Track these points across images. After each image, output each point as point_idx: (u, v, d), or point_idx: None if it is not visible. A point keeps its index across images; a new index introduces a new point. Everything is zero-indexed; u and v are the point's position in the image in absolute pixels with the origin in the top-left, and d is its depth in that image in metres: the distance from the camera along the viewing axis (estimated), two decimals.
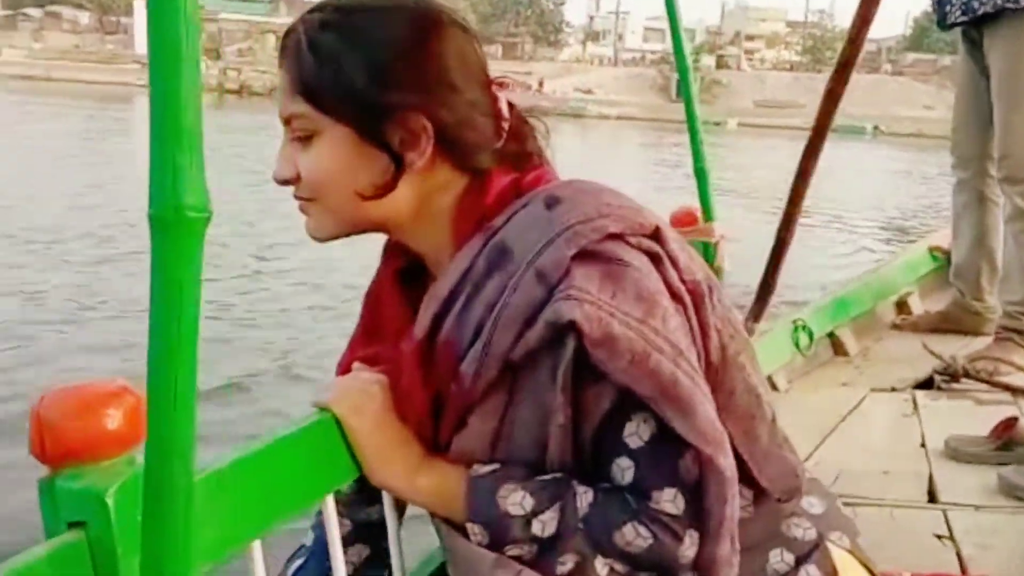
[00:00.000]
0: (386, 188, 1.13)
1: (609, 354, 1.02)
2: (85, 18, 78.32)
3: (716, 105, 49.06)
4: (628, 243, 1.08)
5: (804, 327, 3.18)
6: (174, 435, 0.72)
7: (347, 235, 1.20)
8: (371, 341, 1.25)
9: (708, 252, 2.41)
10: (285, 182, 1.16)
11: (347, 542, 1.33)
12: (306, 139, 1.13)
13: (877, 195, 17.21)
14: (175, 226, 0.68)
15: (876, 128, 46.23)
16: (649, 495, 1.06)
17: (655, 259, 1.09)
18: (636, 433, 1.06)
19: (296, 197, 1.17)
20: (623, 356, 1.02)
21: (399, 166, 1.12)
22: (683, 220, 2.44)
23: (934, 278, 4.19)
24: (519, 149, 1.19)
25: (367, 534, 1.35)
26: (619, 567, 1.07)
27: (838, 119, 2.83)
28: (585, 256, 1.05)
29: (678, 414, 1.03)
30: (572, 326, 1.02)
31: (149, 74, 0.67)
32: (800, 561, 1.15)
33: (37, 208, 10.66)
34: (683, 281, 1.10)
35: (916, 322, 3.83)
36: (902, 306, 4.00)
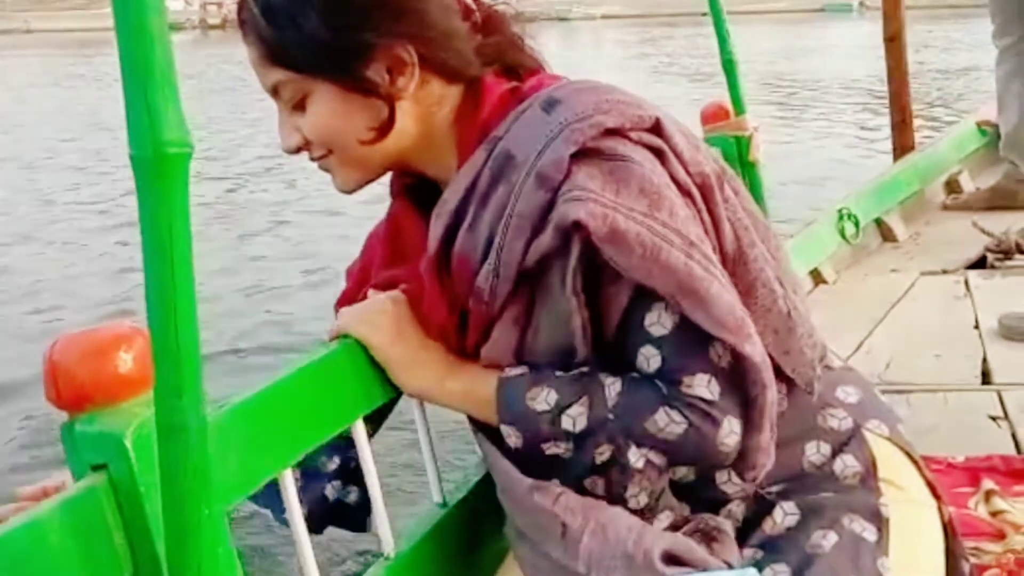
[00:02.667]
0: (385, 127, 1.12)
1: (618, 250, 1.00)
2: None
3: None
4: (629, 138, 1.05)
5: (849, 215, 3.11)
6: (180, 373, 0.71)
7: (373, 179, 1.19)
8: (394, 268, 1.24)
9: (742, 146, 2.35)
10: (296, 150, 1.16)
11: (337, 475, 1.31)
12: (299, 103, 1.12)
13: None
14: (158, 164, 0.66)
15: (862, 3, 45.22)
16: (679, 380, 1.04)
17: (658, 153, 1.06)
18: (658, 323, 1.05)
19: (312, 160, 1.17)
20: (633, 251, 1.00)
21: (391, 101, 1.11)
22: (715, 115, 2.37)
23: (983, 154, 4.07)
24: (499, 44, 1.17)
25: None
26: (655, 458, 1.06)
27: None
28: (585, 154, 1.03)
29: (696, 306, 1.01)
30: (578, 226, 1.00)
31: (113, 12, 0.65)
32: (836, 452, 1.13)
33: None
34: (690, 174, 1.07)
35: (967, 201, 3.74)
36: (951, 186, 3.90)
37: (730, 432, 1.04)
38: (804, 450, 1.13)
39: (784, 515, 1.11)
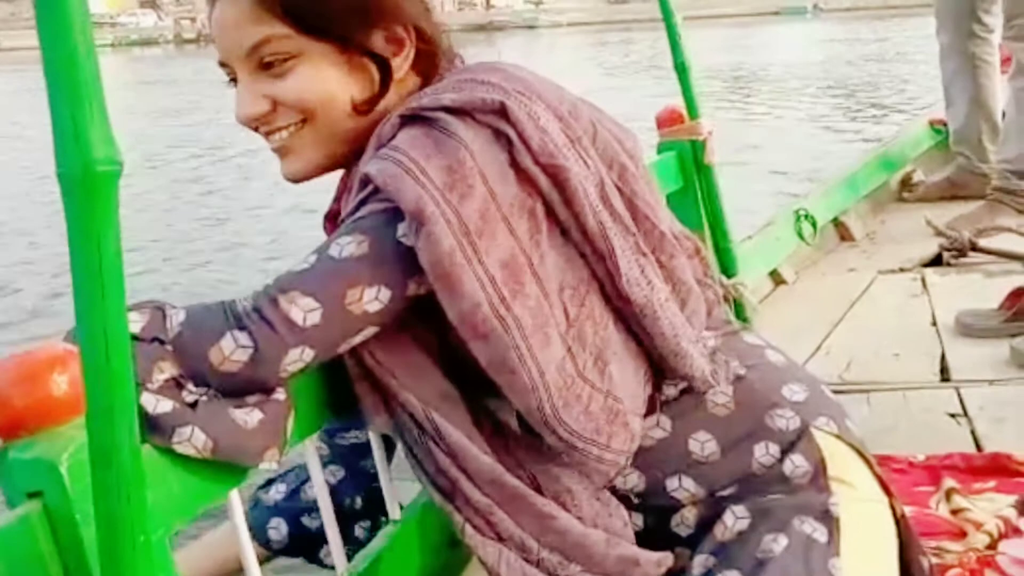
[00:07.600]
0: (377, 97, 1.11)
1: (394, 193, 0.99)
2: None
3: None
4: (473, 118, 1.03)
5: (806, 216, 3.13)
6: (111, 395, 0.69)
7: (329, 169, 1.15)
8: None
9: (697, 150, 2.35)
10: (258, 119, 1.10)
11: (322, 463, 1.33)
12: (280, 65, 1.07)
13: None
14: (86, 182, 0.64)
15: (816, 6, 46.54)
16: (285, 288, 0.99)
17: (500, 137, 1.03)
18: (340, 244, 1.01)
19: (273, 131, 1.11)
20: (409, 212, 0.98)
21: (387, 72, 1.10)
22: (668, 119, 2.37)
23: (936, 152, 4.13)
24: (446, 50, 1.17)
25: (342, 456, 1.37)
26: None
27: (778, 2, 2.83)
28: (415, 121, 1.04)
29: (444, 289, 0.98)
30: (368, 181, 1.02)
31: (38, 27, 0.63)
32: (785, 452, 1.11)
33: None
34: (539, 164, 1.03)
35: (924, 193, 3.82)
36: (906, 185, 3.96)
37: (298, 360, 0.98)
38: (753, 451, 1.12)
39: (735, 519, 1.10)
